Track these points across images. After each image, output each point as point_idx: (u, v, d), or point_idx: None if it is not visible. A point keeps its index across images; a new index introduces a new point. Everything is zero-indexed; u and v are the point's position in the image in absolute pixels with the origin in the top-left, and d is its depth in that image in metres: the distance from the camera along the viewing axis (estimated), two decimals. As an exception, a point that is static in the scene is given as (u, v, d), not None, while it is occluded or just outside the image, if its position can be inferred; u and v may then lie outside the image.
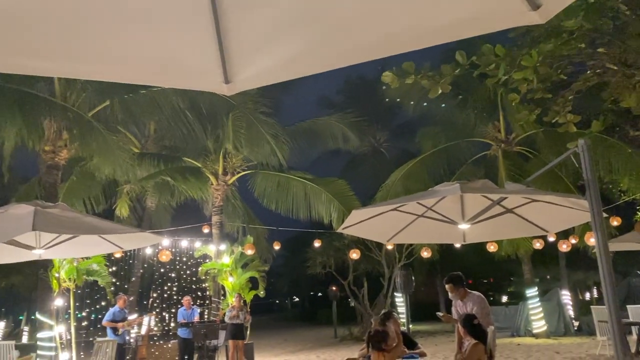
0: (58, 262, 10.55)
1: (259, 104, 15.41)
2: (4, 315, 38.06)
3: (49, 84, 12.68)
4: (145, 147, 17.88)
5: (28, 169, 18.63)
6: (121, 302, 11.59)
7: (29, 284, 27.10)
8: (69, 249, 7.16)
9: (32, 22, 1.96)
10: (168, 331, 18.19)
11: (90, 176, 14.67)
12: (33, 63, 2.01)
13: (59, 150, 12.50)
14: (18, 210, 5.80)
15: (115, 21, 1.94)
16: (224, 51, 2.14)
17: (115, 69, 2.15)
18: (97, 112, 13.39)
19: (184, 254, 18.01)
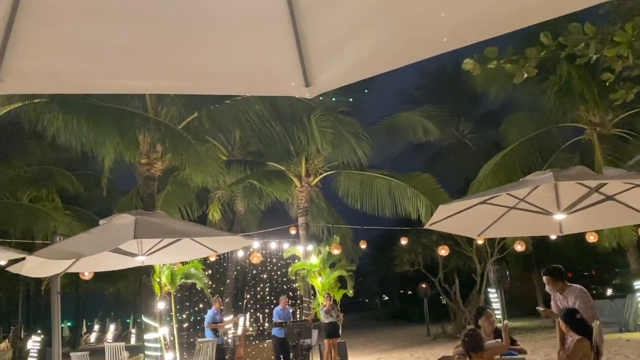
0: (159, 268, 11.20)
1: (339, 104, 15.49)
2: (113, 318, 40.96)
3: (142, 100, 13.49)
4: (232, 154, 18.58)
5: (126, 181, 19.95)
6: (217, 304, 12.10)
7: (133, 289, 29.05)
8: (168, 255, 7.57)
9: (126, 46, 2.11)
10: (263, 331, 18.76)
11: (183, 185, 15.47)
12: (129, 82, 2.16)
13: (154, 162, 13.26)
14: (121, 220, 6.22)
15: (198, 37, 2.04)
16: (303, 54, 2.18)
17: (203, 82, 2.26)
18: (186, 124, 14.07)
19: (273, 255, 18.51)
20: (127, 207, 15.94)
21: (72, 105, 11.74)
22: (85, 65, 2.13)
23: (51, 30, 1.98)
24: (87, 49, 2.06)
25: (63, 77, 2.15)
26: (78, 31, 2.00)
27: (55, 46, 2.04)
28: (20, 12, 1.85)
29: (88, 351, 11.74)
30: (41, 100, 11.58)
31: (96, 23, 2.00)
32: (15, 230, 18.31)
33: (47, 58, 2.08)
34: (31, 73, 2.12)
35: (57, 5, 1.91)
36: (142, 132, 12.89)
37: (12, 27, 1.88)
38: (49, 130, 12.47)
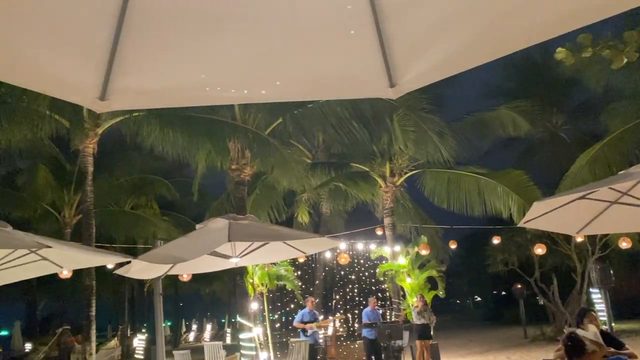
0: (251, 269, 11.59)
1: (422, 102, 15.23)
2: (210, 318, 42.83)
3: (231, 109, 14.05)
4: (316, 157, 18.85)
5: (218, 187, 20.83)
6: (309, 304, 12.30)
7: (227, 290, 30.24)
8: (259, 256, 7.83)
9: (217, 59, 2.22)
10: (353, 332, 18.83)
11: (271, 188, 15.93)
12: (222, 94, 2.27)
13: (243, 167, 13.77)
14: (215, 224, 6.51)
15: (285, 46, 2.11)
16: (387, 56, 2.18)
17: (291, 89, 2.33)
18: (272, 130, 14.48)
19: (360, 256, 18.54)
20: (219, 212, 16.64)
21: (167, 117, 12.47)
22: (181, 80, 2.27)
23: (151, 49, 2.13)
24: (182, 65, 2.20)
25: (162, 93, 2.31)
26: (174, 49, 2.14)
27: (155, 64, 2.20)
28: (123, 34, 2.01)
29: (188, 350, 12.38)
30: (140, 114, 12.40)
31: (190, 40, 2.13)
32: (120, 236, 19.73)
33: (147, 75, 2.24)
34: (133, 90, 2.29)
35: (155, 27, 2.05)
36: (231, 139, 13.44)
37: (116, 49, 2.05)
38: (147, 141, 13.36)
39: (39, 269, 6.37)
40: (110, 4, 1.88)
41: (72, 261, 6.85)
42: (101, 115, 12.81)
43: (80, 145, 13.24)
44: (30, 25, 1.91)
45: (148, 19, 1.98)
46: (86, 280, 12.68)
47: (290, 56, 2.17)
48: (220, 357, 11.68)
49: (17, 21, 1.86)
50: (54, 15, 1.91)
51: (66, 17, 1.93)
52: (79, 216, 17.24)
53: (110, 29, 1.95)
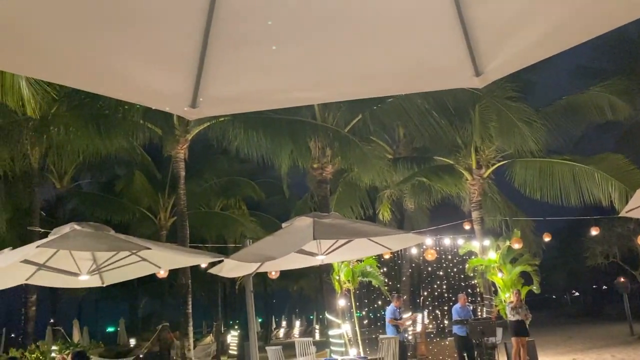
0: (337, 266, 11.68)
1: (506, 90, 14.60)
2: (298, 315, 43.67)
3: (310, 109, 14.23)
4: (397, 152, 18.64)
5: (301, 186, 21.18)
6: (396, 301, 12.20)
7: (314, 287, 30.70)
8: (344, 253, 7.88)
9: (299, 60, 2.25)
10: (443, 328, 18.45)
11: (353, 185, 15.96)
12: (305, 95, 2.30)
13: (325, 165, 13.91)
14: (300, 223, 6.63)
15: (366, 43, 2.10)
16: (471, 44, 2.11)
17: (374, 85, 2.31)
18: (352, 127, 14.51)
19: (448, 251, 18.12)
20: (303, 210, 16.93)
21: (251, 120, 12.86)
22: (267, 84, 2.32)
23: (236, 55, 2.20)
24: (268, 68, 2.25)
25: (248, 97, 2.38)
26: (259, 53, 2.19)
27: (241, 69, 2.26)
28: (210, 43, 2.09)
29: (279, 345, 12.70)
30: (225, 118, 12.88)
31: (275, 44, 2.17)
32: (211, 236, 20.62)
33: (234, 81, 2.31)
34: (221, 96, 2.37)
35: (240, 34, 2.11)
36: (312, 138, 13.63)
37: (204, 57, 2.13)
38: (233, 144, 13.86)
39: (140, 270, 6.79)
40: (197, 15, 1.96)
41: (169, 261, 7.25)
42: (190, 122, 13.42)
43: (172, 151, 13.96)
44: (125, 41, 2.03)
45: (233, 27, 2.04)
46: (182, 280, 13.35)
47: (371, 52, 2.16)
48: (311, 353, 11.87)
49: (113, 39, 1.98)
50: (145, 30, 2.02)
51: (156, 31, 2.04)
52: (174, 218, 18.19)
53: (198, 38, 2.03)
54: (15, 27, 1.80)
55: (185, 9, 1.99)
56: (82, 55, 1.99)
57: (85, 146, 13.87)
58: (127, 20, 1.95)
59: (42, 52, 1.93)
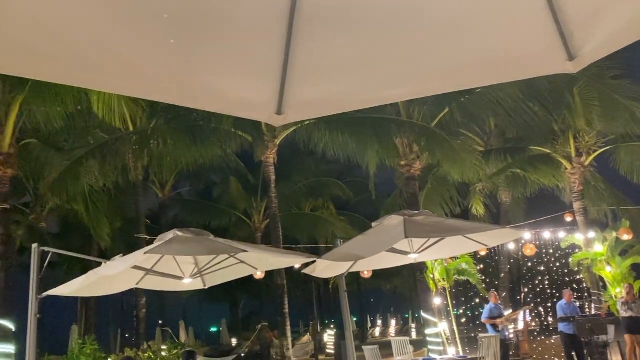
0: (431, 264, 11.47)
1: (608, 69, 13.54)
2: (393, 313, 43.33)
3: (395, 106, 14.09)
4: (488, 144, 17.96)
5: (388, 184, 21.01)
6: (493, 298, 11.77)
7: (408, 285, 30.31)
8: (437, 251, 7.69)
9: (382, 58, 2.24)
10: (547, 326, 17.53)
11: (443, 181, 15.59)
12: (391, 92, 2.29)
13: (413, 162, 13.70)
14: (391, 222, 6.57)
15: (451, 34, 2.05)
16: (562, 27, 1.99)
17: (462, 77, 2.25)
18: (439, 121, 14.18)
19: (548, 245, 17.19)
20: (392, 208, 16.76)
21: (336, 121, 12.96)
22: (350, 85, 2.33)
23: (319, 60, 2.23)
24: (349, 69, 2.26)
25: (333, 100, 2.40)
26: (340, 55, 2.21)
27: (323, 73, 2.29)
28: (292, 51, 2.13)
29: (376, 345, 12.67)
30: (310, 121, 13.08)
31: (355, 46, 2.18)
32: (303, 237, 21.03)
33: (317, 85, 2.35)
34: (306, 101, 2.42)
35: (321, 39, 2.14)
36: (398, 135, 13.48)
37: (287, 65, 2.18)
38: (319, 146, 14.07)
39: (238, 272, 7.06)
40: (278, 22, 2.01)
41: (265, 263, 7.47)
42: (277, 127, 13.78)
43: (262, 157, 14.42)
44: (212, 57, 2.13)
45: (314, 31, 2.07)
46: (278, 280, 13.73)
47: (456, 44, 2.10)
48: (408, 353, 11.74)
49: (201, 55, 2.09)
50: (230, 42, 2.11)
51: (240, 42, 2.12)
52: (267, 221, 18.75)
53: (280, 45, 2.09)
54: (116, 51, 1.95)
55: (266, 18, 2.05)
56: (176, 73, 2.12)
57: (182, 156, 14.68)
58: (213, 36, 2.05)
59: (141, 74, 2.07)
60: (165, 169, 16.78)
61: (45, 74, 2.38)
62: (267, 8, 1.98)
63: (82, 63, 1.94)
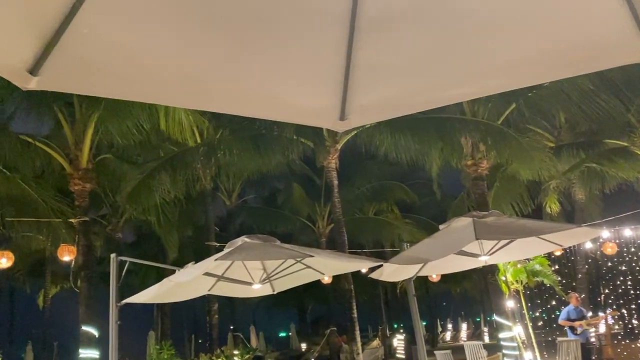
0: (502, 266, 11.09)
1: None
2: (464, 317, 42.23)
3: (458, 104, 13.77)
4: (559, 139, 17.18)
5: (454, 185, 20.55)
6: (574, 300, 11.24)
7: (479, 288, 29.48)
8: (509, 253, 7.43)
9: (442, 56, 2.19)
10: (631, 329, 16.50)
11: (512, 180, 15.06)
12: (454, 92, 2.24)
13: (480, 161, 13.33)
14: (459, 223, 6.41)
15: (516, 28, 1.97)
16: (638, 14, 1.87)
17: (528, 73, 2.17)
18: (505, 118, 13.73)
19: (630, 243, 16.21)
20: (460, 210, 16.38)
21: (397, 123, 12.83)
22: (414, 86, 2.30)
23: (379, 62, 2.21)
24: (411, 71, 2.23)
25: (395, 102, 2.38)
26: (402, 57, 2.18)
27: (385, 75, 2.27)
28: (354, 57, 2.13)
29: (448, 349, 12.40)
30: (371, 125, 13.03)
31: (414, 47, 2.14)
32: (368, 241, 20.94)
33: (379, 88, 2.33)
34: (368, 106, 2.40)
35: (382, 42, 2.12)
36: (463, 134, 13.16)
37: (349, 71, 2.18)
38: (380, 149, 13.97)
39: (305, 277, 7.12)
40: (339, 27, 2.01)
41: (331, 268, 7.50)
42: (338, 132, 13.83)
43: (324, 162, 14.50)
44: (274, 65, 2.16)
45: (375, 36, 2.06)
46: (345, 285, 13.73)
47: (523, 37, 2.02)
48: (482, 357, 11.40)
49: (264, 65, 2.13)
50: (292, 50, 2.13)
51: (302, 50, 2.14)
52: (331, 225, 18.82)
53: (341, 52, 2.09)
54: (185, 68, 2.03)
55: (326, 24, 2.06)
56: (241, 85, 2.17)
57: (247, 165, 15.04)
58: (274, 45, 2.08)
59: (209, 88, 2.14)
60: (231, 178, 17.24)
61: (121, 93, 2.51)
62: (326, 14, 1.99)
63: (155, 81, 2.03)
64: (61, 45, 1.74)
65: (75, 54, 1.80)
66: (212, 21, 1.89)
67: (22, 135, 11.87)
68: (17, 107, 12.49)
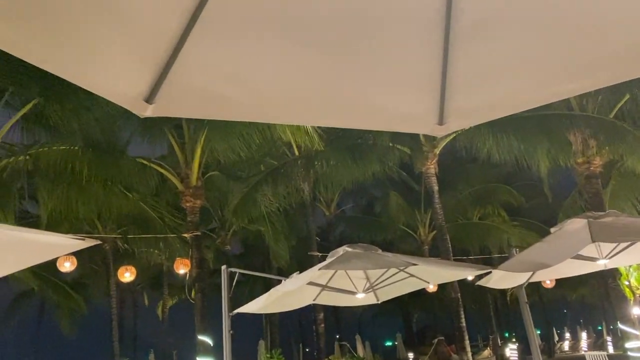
0: (625, 270, 10.25)
1: None
2: (583, 325, 39.35)
3: (564, 99, 12.99)
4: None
5: (561, 185, 19.33)
6: None
7: (598, 294, 27.37)
8: (632, 255, 6.85)
9: (546, 54, 2.09)
10: None
11: (630, 176, 13.91)
12: (559, 89, 2.13)
13: (591, 158, 12.46)
14: (573, 225, 6.02)
15: (624, 13, 1.85)
16: None
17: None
18: (618, 111, 12.75)
19: None
20: (572, 211, 15.35)
21: (498, 123, 12.34)
22: (515, 86, 2.22)
23: (478, 63, 2.15)
24: (512, 70, 2.15)
25: (497, 103, 2.30)
26: (501, 57, 2.11)
27: (485, 76, 2.21)
28: (450, 60, 2.09)
29: (567, 360, 11.62)
30: (471, 127, 12.64)
31: (513, 46, 2.06)
32: (473, 247, 20.21)
33: (480, 89, 2.27)
34: (468, 108, 2.35)
35: (480, 39, 2.07)
36: (571, 131, 12.39)
37: (446, 72, 2.14)
38: (482, 151, 13.48)
39: (409, 285, 7.03)
40: (435, 32, 1.99)
41: (436, 276, 7.34)
42: (435, 137, 13.56)
43: (422, 168, 14.27)
44: (371, 75, 2.19)
45: (471, 37, 2.02)
46: (451, 293, 13.35)
47: (635, 25, 1.88)
48: (606, 369, 10.56)
49: (362, 74, 2.16)
50: (387, 58, 2.14)
51: (398, 56, 2.14)
52: (433, 232, 18.42)
53: (437, 56, 2.06)
54: (286, 86, 2.11)
55: (421, 29, 2.05)
56: (339, 97, 2.22)
57: (344, 174, 15.18)
58: (370, 55, 2.10)
59: (309, 102, 2.22)
60: (329, 188, 17.48)
61: (230, 114, 2.67)
62: (421, 19, 1.99)
63: (260, 100, 2.14)
64: (172, 73, 1.89)
65: (185, 80, 1.94)
66: (309, 38, 1.96)
67: (139, 158, 12.87)
68: (132, 133, 13.66)
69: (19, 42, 1.61)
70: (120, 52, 1.84)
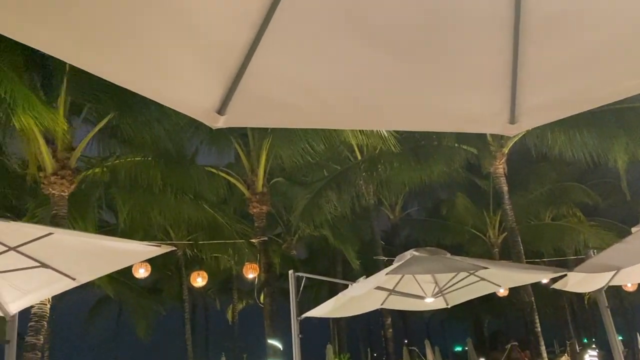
0: None
1: None
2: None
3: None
4: None
5: None
6: None
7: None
8: None
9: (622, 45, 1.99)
10: None
11: None
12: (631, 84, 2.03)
13: (675, 153, 11.70)
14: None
15: None
16: None
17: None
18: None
19: None
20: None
21: (570, 119, 11.81)
22: (588, 81, 2.13)
23: (549, 57, 2.08)
24: (585, 66, 2.07)
25: (570, 100, 2.21)
26: (573, 53, 2.03)
27: (557, 73, 2.13)
28: (521, 53, 2.03)
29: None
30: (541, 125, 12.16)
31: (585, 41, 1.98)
32: (546, 249, 19.36)
33: (552, 87, 2.19)
34: (541, 105, 2.27)
35: (550, 38, 2.00)
36: (651, 125, 11.68)
37: (517, 69, 2.08)
38: (553, 149, 12.94)
39: (480, 289, 6.85)
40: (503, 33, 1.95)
41: (508, 280, 7.10)
42: (503, 136, 13.15)
43: (490, 168, 13.86)
44: (440, 77, 2.16)
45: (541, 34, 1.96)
46: (524, 297, 12.87)
47: None
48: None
49: (431, 77, 2.13)
50: (456, 61, 2.11)
51: (466, 59, 2.11)
52: (503, 234, 17.83)
53: (507, 55, 2.02)
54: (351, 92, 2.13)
55: (490, 28, 2.00)
56: (406, 100, 2.21)
57: (408, 177, 14.99)
58: (439, 57, 2.08)
59: (374, 107, 2.22)
60: (393, 191, 17.32)
61: (298, 122, 2.72)
62: (489, 18, 1.94)
63: (328, 107, 2.17)
64: (242, 85, 1.95)
65: (254, 91, 2.00)
66: (376, 41, 1.97)
67: (207, 166, 13.29)
68: (200, 143, 14.14)
69: (109, 67, 1.73)
70: (192, 67, 1.92)
